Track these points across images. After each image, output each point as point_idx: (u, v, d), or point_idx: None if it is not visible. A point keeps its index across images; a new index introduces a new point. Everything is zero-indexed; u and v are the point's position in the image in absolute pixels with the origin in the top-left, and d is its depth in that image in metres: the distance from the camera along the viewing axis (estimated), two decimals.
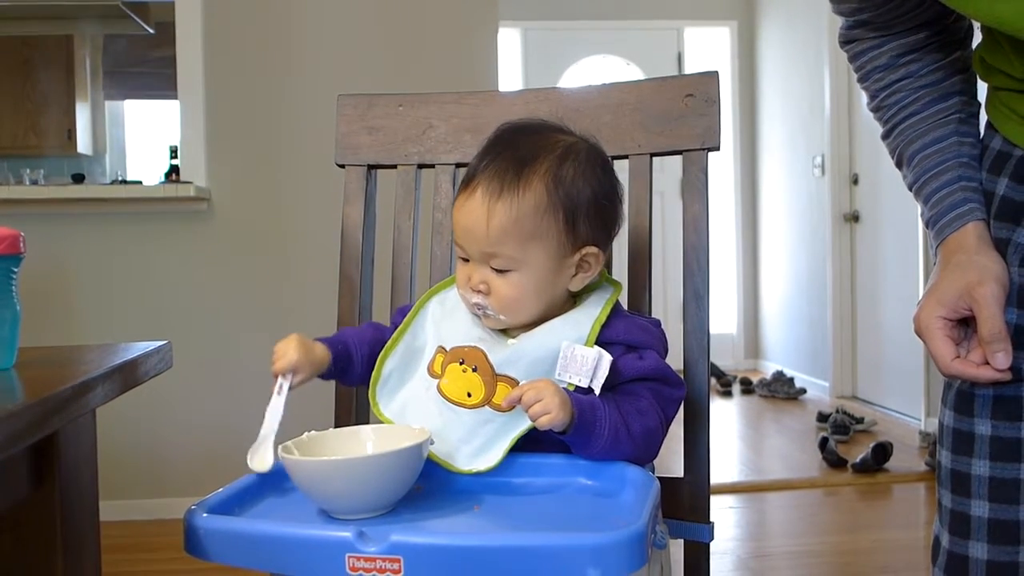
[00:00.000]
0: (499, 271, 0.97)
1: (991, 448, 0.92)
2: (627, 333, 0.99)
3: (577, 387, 0.94)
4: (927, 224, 0.99)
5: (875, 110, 1.06)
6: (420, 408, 0.99)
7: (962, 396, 0.95)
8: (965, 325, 0.93)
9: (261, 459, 0.93)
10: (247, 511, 0.88)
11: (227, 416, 3.16)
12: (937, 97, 1.00)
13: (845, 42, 1.07)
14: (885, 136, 1.06)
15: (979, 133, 1.00)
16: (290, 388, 0.98)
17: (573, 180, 0.98)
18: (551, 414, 0.88)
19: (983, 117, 1.01)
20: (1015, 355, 0.90)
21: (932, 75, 1.01)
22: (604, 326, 0.98)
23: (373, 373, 1.03)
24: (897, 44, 1.02)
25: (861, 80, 1.07)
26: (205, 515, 0.82)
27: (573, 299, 1.03)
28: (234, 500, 0.88)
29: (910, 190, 1.03)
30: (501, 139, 1.02)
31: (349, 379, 1.06)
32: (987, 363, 0.90)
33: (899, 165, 1.04)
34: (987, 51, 0.96)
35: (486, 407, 0.96)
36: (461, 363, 0.98)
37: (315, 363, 1.01)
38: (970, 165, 0.97)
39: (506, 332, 1.01)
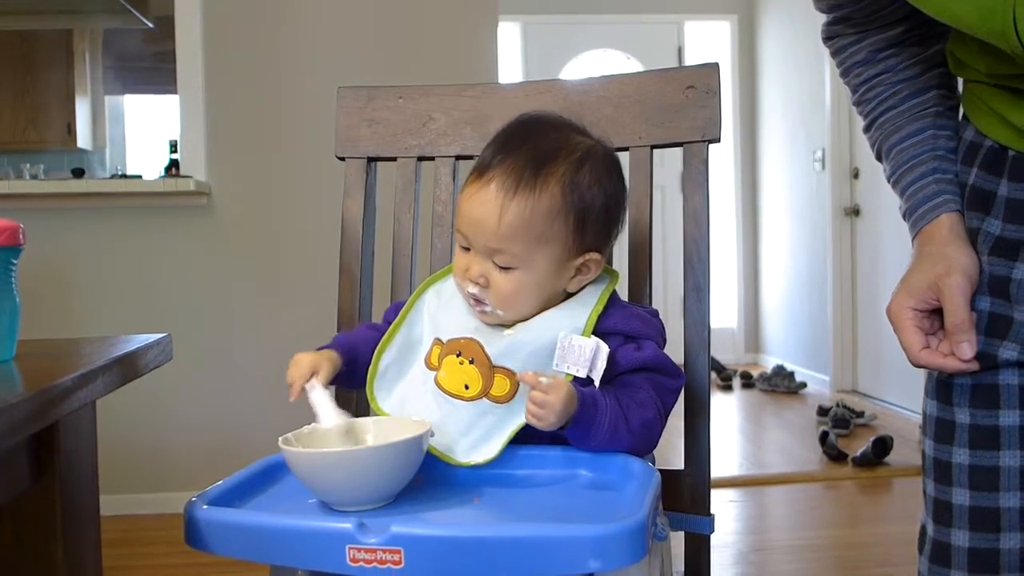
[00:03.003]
0: (502, 267, 0.96)
1: (970, 436, 0.94)
2: (625, 323, 0.99)
3: (575, 377, 0.94)
4: (904, 215, 1.01)
5: (856, 104, 1.08)
6: (418, 401, 0.99)
7: (942, 385, 0.97)
8: (938, 316, 0.94)
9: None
10: (247, 503, 0.88)
11: (227, 410, 3.17)
12: (914, 91, 1.02)
13: (827, 38, 1.09)
14: (866, 130, 1.07)
15: (957, 126, 1.01)
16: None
17: (588, 187, 0.97)
18: (541, 422, 0.89)
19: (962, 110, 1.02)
20: (990, 342, 0.92)
21: (910, 70, 1.02)
22: (601, 316, 0.98)
23: (370, 368, 1.02)
24: (876, 39, 1.03)
25: (843, 75, 1.09)
26: (205, 507, 0.82)
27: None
28: (234, 492, 0.88)
29: (888, 182, 1.04)
30: (520, 131, 1.00)
31: (360, 379, 1.04)
32: (953, 353, 0.91)
33: (879, 158, 1.06)
34: (956, 46, 0.97)
35: (484, 399, 0.95)
36: (458, 355, 0.97)
37: (331, 361, 0.99)
38: (945, 158, 0.99)
39: (502, 323, 1.00)
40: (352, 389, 1.16)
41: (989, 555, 0.93)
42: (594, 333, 0.96)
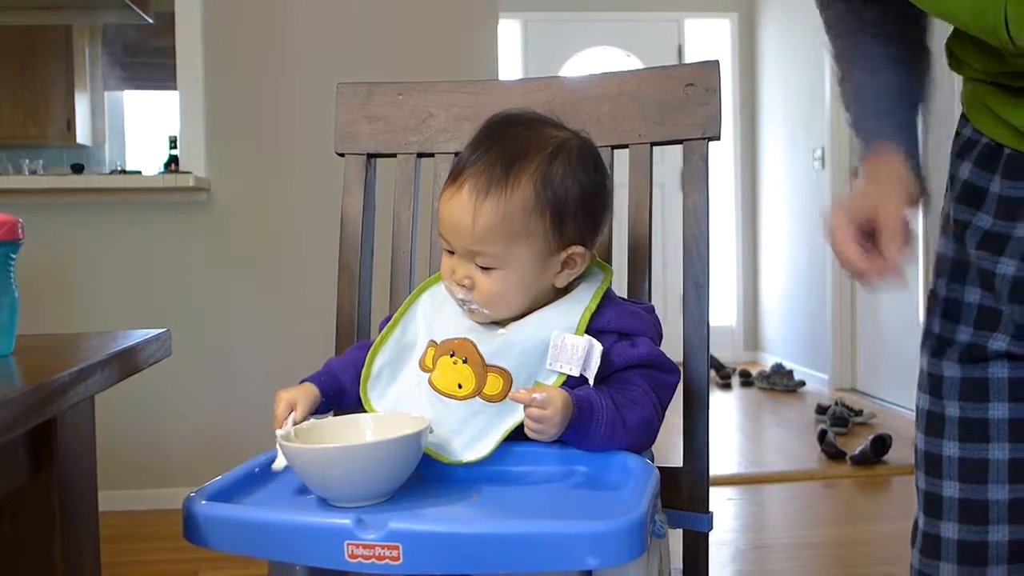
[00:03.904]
0: (484, 268, 0.96)
1: (959, 429, 0.95)
2: (618, 321, 0.98)
3: (569, 376, 0.94)
4: (851, 127, 1.06)
5: (835, 59, 1.10)
6: (411, 402, 0.99)
7: (933, 379, 0.98)
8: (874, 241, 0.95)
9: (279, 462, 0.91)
10: (246, 498, 0.88)
11: (226, 406, 3.17)
12: (892, 47, 1.03)
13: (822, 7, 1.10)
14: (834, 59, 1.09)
15: (923, 78, 1.03)
16: (295, 424, 0.95)
17: (562, 180, 0.96)
18: (542, 436, 0.90)
19: (958, 109, 1.03)
20: (980, 334, 0.94)
21: (893, 27, 1.03)
22: (595, 314, 0.98)
23: (363, 370, 1.02)
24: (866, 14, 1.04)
25: (827, 32, 1.10)
26: (204, 502, 0.82)
27: (564, 287, 1.02)
28: (233, 487, 0.88)
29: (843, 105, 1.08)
30: (491, 132, 1.00)
31: (348, 402, 1.04)
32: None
33: (841, 84, 1.09)
34: (954, 43, 0.98)
35: (476, 398, 0.95)
36: (452, 355, 0.97)
37: (307, 396, 0.99)
38: (905, 100, 1.01)
39: (496, 322, 1.00)
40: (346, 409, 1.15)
41: (978, 547, 0.94)
42: (588, 331, 0.96)
